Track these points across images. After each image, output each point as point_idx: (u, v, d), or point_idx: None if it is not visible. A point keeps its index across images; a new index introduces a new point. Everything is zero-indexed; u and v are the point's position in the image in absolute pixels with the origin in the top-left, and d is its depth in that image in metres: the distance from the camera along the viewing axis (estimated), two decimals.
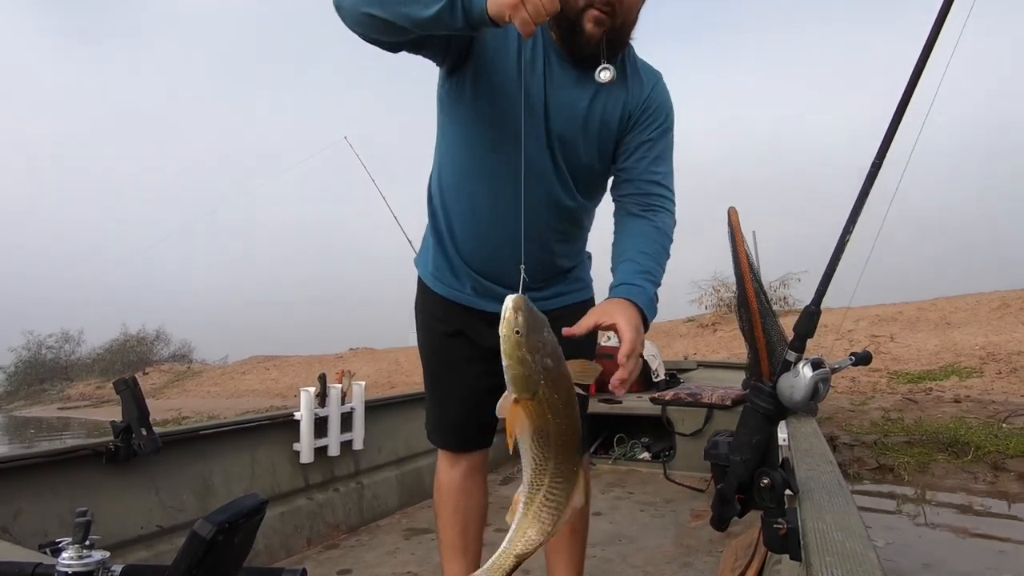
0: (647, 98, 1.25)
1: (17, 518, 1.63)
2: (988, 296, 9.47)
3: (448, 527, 1.49)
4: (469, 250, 1.34)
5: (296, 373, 15.85)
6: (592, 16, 1.11)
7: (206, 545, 0.64)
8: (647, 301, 1.07)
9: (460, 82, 1.20)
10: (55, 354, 25.93)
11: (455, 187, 1.33)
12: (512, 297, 0.78)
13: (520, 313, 0.76)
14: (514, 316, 0.76)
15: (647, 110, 1.25)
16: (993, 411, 4.85)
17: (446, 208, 1.35)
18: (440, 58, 1.18)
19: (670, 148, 1.29)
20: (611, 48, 1.16)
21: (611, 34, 1.14)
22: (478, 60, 1.17)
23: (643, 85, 1.26)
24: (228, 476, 2.22)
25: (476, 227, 1.31)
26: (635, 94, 1.25)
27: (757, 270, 2.84)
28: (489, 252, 1.32)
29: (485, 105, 1.20)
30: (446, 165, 1.34)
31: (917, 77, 1.05)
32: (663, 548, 2.32)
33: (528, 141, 1.17)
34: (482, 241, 1.32)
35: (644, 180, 1.23)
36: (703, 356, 8.61)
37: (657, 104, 1.26)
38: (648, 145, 1.24)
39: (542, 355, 0.76)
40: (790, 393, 1.07)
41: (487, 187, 1.26)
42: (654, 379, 4.27)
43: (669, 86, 1.32)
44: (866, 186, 1.08)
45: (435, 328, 1.44)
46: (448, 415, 1.47)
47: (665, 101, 1.28)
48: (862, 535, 0.91)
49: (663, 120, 1.26)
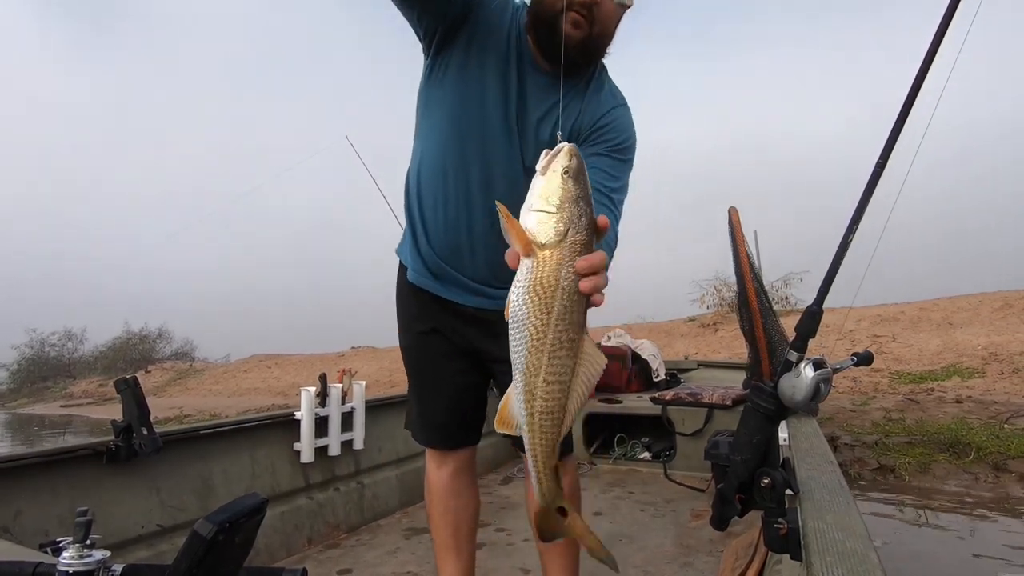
0: (599, 119, 1.26)
1: (18, 518, 1.63)
2: (990, 296, 9.46)
3: (440, 528, 1.50)
4: (439, 240, 1.36)
5: (297, 372, 15.88)
6: (571, 18, 1.12)
7: (207, 545, 0.64)
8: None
9: (444, 64, 1.23)
10: (58, 352, 26.03)
11: (428, 178, 1.34)
12: (567, 144, 0.70)
13: (574, 157, 0.69)
14: (568, 157, 0.68)
15: (598, 129, 1.25)
16: (995, 412, 4.84)
17: (420, 198, 1.37)
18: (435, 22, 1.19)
19: (625, 169, 1.27)
20: (584, 55, 1.18)
21: (588, 41, 1.15)
22: (464, 45, 1.20)
23: (600, 106, 1.26)
24: (229, 476, 2.23)
25: (445, 219, 1.33)
26: (589, 112, 1.26)
27: (758, 270, 2.84)
28: (456, 243, 1.34)
29: (461, 93, 1.23)
30: (420, 158, 1.36)
31: (922, 77, 1.05)
32: (663, 548, 2.31)
33: (497, 136, 1.21)
34: (450, 232, 1.34)
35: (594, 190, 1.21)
36: (704, 356, 8.61)
37: (610, 125, 1.26)
38: (600, 159, 1.23)
39: (583, 206, 0.68)
40: (791, 393, 1.07)
41: (456, 180, 1.29)
42: (654, 379, 4.27)
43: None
44: (870, 186, 1.08)
45: (412, 327, 1.47)
46: (430, 413, 1.48)
47: (623, 124, 1.28)
48: (863, 535, 0.91)
49: (620, 141, 1.26)
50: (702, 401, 3.38)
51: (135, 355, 23.77)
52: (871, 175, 1.08)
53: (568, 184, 0.67)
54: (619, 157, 1.26)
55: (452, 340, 1.42)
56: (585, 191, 0.69)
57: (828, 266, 1.11)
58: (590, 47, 1.17)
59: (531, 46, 1.22)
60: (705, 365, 5.51)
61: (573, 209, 0.68)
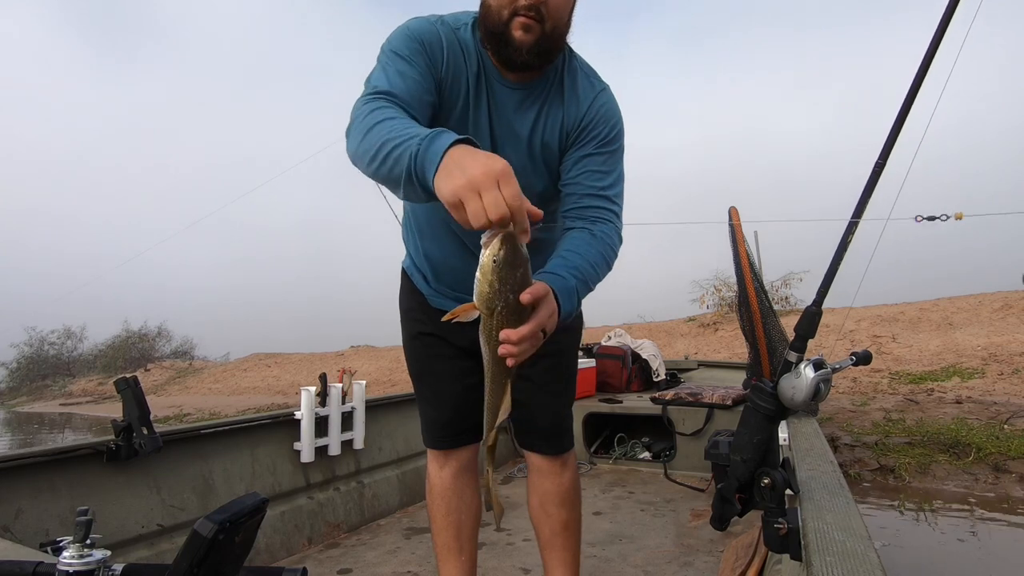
0: (584, 114, 1.23)
1: (18, 517, 1.63)
2: (990, 296, 9.46)
3: (442, 529, 1.50)
4: (441, 275, 1.41)
5: (297, 371, 15.87)
6: (519, 23, 1.09)
7: (207, 544, 0.64)
8: (565, 290, 1.02)
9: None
10: (57, 350, 25.96)
11: (421, 216, 1.39)
12: (506, 231, 0.80)
13: (504, 247, 0.80)
14: (498, 246, 0.80)
15: (586, 126, 1.23)
16: (995, 412, 4.84)
17: (417, 230, 1.42)
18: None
19: (615, 159, 1.25)
20: (544, 55, 1.14)
21: (542, 41, 1.11)
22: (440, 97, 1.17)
23: (579, 101, 1.23)
24: (229, 475, 2.23)
25: (441, 253, 1.37)
26: (571, 112, 1.23)
27: (758, 270, 2.84)
28: (447, 271, 1.39)
29: None
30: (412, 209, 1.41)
31: (921, 77, 1.05)
32: (663, 548, 2.31)
33: None
34: (444, 261, 1.38)
35: (586, 195, 1.20)
36: (704, 356, 8.62)
37: (596, 118, 1.23)
38: (588, 160, 1.21)
39: (508, 289, 0.83)
40: (791, 393, 1.08)
41: (445, 223, 1.31)
42: (655, 379, 4.27)
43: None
44: (869, 186, 1.08)
45: (413, 328, 1.48)
46: (433, 413, 1.49)
47: (606, 114, 1.25)
48: (863, 535, 0.91)
49: (606, 133, 1.23)
50: (702, 401, 3.38)
51: (134, 354, 23.73)
52: (870, 175, 1.08)
53: (498, 271, 0.81)
54: (608, 150, 1.23)
55: (451, 341, 1.42)
56: (512, 274, 0.83)
57: (827, 266, 1.12)
58: (546, 47, 1.13)
59: (492, 61, 1.19)
60: (705, 365, 5.51)
61: (501, 288, 0.83)
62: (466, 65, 1.18)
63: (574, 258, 1.09)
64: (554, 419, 1.46)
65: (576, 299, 1.05)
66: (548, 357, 1.43)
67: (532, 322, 0.86)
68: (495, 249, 0.81)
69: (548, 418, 1.45)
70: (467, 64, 1.18)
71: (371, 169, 0.94)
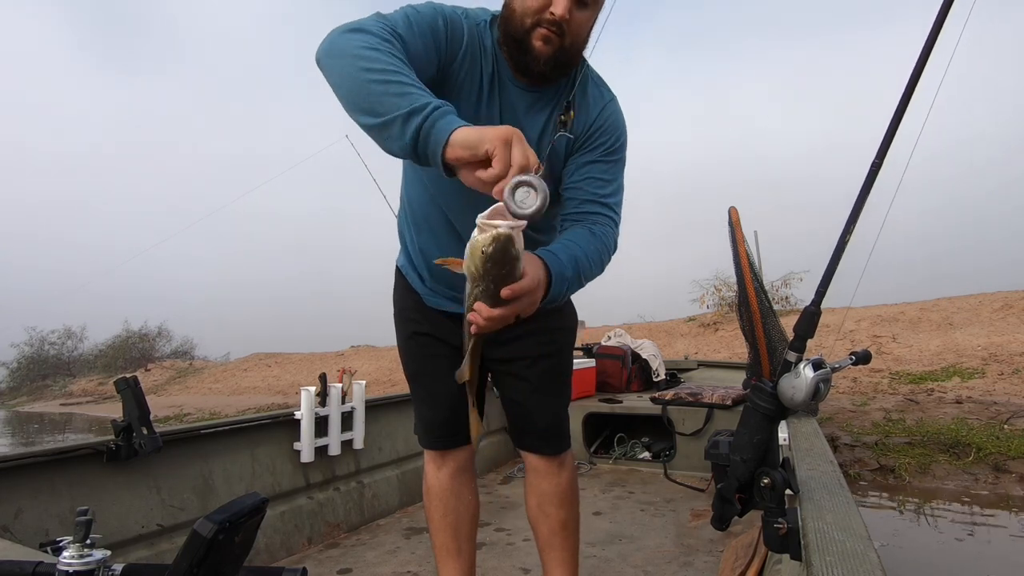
0: (592, 122, 1.25)
1: (18, 517, 1.63)
2: (991, 296, 9.46)
3: (440, 530, 1.50)
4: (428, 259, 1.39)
5: (297, 370, 15.87)
6: (540, 34, 1.10)
7: (207, 544, 0.64)
8: (561, 278, 1.02)
9: None
10: (57, 350, 25.94)
11: (419, 211, 1.38)
12: (502, 228, 0.84)
13: (496, 244, 0.84)
14: (490, 241, 0.84)
15: (592, 135, 1.25)
16: (995, 412, 4.85)
17: (414, 225, 1.40)
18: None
19: (617, 169, 1.27)
20: (560, 68, 1.16)
21: (560, 54, 1.13)
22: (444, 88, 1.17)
23: (589, 110, 1.26)
24: (229, 475, 2.23)
25: (438, 250, 1.36)
26: (580, 120, 1.25)
27: (758, 269, 2.84)
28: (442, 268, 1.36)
29: None
30: (410, 190, 1.39)
31: (918, 75, 1.05)
32: (663, 548, 2.32)
33: None
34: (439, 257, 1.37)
35: (587, 200, 1.21)
36: (704, 356, 8.62)
37: (603, 127, 1.25)
38: (591, 167, 1.23)
39: (490, 279, 0.88)
40: (791, 393, 1.07)
41: (444, 218, 1.31)
42: (654, 379, 4.27)
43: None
44: (866, 185, 1.08)
45: (408, 328, 1.48)
46: (429, 413, 1.49)
47: (613, 124, 1.27)
48: (863, 535, 0.91)
49: (611, 143, 1.25)
50: (702, 401, 3.38)
51: (135, 353, 23.71)
52: (867, 175, 1.08)
53: (484, 262, 0.86)
54: (612, 159, 1.25)
55: (446, 341, 1.42)
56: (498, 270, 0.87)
57: (826, 266, 1.11)
58: (563, 60, 1.15)
59: (507, 61, 1.19)
60: (705, 365, 5.51)
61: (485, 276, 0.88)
62: (482, 62, 1.19)
63: (575, 249, 1.09)
64: (552, 419, 1.47)
65: (566, 290, 1.06)
66: (547, 358, 1.44)
67: (507, 308, 0.90)
68: (487, 242, 0.84)
69: (545, 419, 1.46)
70: (483, 62, 1.19)
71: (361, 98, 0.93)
